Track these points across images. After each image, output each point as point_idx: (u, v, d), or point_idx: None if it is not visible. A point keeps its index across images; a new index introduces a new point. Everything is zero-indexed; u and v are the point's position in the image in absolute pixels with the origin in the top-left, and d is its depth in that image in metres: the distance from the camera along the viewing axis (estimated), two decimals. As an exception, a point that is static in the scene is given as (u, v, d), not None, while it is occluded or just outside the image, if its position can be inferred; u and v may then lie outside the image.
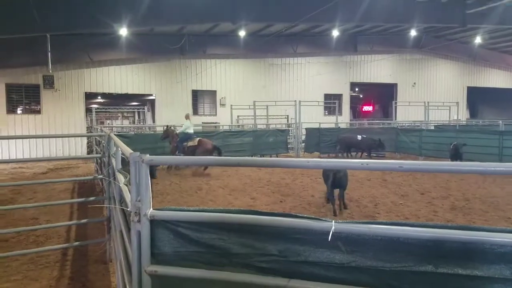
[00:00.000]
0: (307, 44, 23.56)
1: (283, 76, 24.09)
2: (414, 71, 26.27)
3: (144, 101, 25.92)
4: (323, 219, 2.03)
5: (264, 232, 2.10)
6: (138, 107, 26.81)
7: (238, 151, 15.29)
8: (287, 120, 21.91)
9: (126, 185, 2.76)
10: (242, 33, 20.33)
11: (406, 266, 1.91)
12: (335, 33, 20.84)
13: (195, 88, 22.86)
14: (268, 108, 20.21)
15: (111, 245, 4.90)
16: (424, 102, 21.54)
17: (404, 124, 21.62)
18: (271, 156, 15.81)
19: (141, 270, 2.20)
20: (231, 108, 19.90)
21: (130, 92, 21.89)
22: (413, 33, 21.64)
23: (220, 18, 17.67)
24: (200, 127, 19.58)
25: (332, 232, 1.93)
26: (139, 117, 28.31)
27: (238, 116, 21.82)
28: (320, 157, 16.52)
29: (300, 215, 2.11)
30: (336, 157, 15.76)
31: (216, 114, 23.15)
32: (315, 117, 20.83)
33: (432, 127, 19.32)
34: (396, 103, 24.43)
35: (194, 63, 22.55)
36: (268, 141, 16.47)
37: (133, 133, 17.82)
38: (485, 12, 17.14)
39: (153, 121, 22.77)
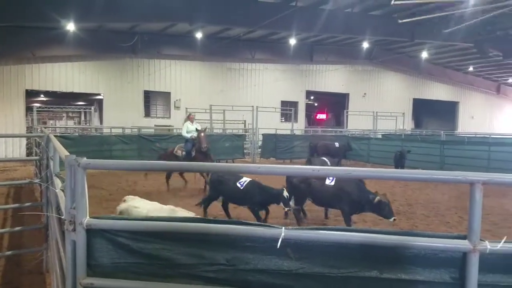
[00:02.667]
0: (265, 50, 23.80)
1: (241, 81, 24.12)
2: (365, 82, 27.43)
3: (92, 101, 24.78)
4: (273, 225, 2.00)
5: (212, 241, 2.02)
6: (84, 107, 25.57)
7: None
8: (244, 126, 21.93)
9: (63, 190, 2.55)
10: (199, 35, 20.09)
11: (352, 271, 1.93)
12: (292, 41, 21.23)
13: (147, 89, 22.23)
14: (225, 112, 20.11)
15: (48, 254, 4.57)
16: (373, 112, 22.53)
17: (354, 133, 22.44)
18: (227, 161, 15.68)
19: (76, 283, 2.04)
20: (186, 111, 19.58)
21: (76, 91, 20.84)
22: (365, 45, 22.59)
23: (176, 18, 17.36)
24: (152, 130, 19.06)
25: (282, 238, 1.90)
26: (85, 117, 26.99)
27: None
28: (276, 163, 16.69)
29: (250, 222, 2.06)
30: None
31: (170, 117, 22.64)
32: (272, 123, 21.02)
33: (380, 136, 20.23)
34: (347, 112, 25.33)
35: (147, 63, 21.94)
36: (224, 146, 16.33)
37: (77, 134, 16.92)
38: (432, 29, 18.28)
39: (101, 122, 21.81)
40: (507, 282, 1.84)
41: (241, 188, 6.71)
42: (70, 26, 16.60)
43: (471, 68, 28.73)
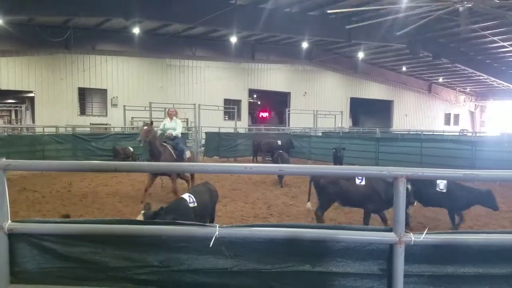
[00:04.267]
0: (206, 48, 23.54)
1: (182, 78, 23.66)
2: (305, 81, 28.18)
3: (22, 99, 22.98)
4: (207, 224, 1.99)
5: (144, 243, 1.98)
6: (14, 105, 23.65)
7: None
8: (187, 124, 21.56)
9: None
10: (136, 30, 19.33)
11: (286, 266, 1.97)
12: (234, 39, 21.21)
13: (82, 86, 21.08)
14: (166, 110, 19.61)
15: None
16: (313, 111, 23.24)
17: (296, 131, 22.98)
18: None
19: (-3, 292, 1.92)
20: (124, 108, 18.82)
21: (4, 88, 19.25)
22: (305, 45, 23.18)
23: (111, 13, 16.61)
24: (88, 129, 18.11)
25: (216, 237, 1.90)
26: (16, 116, 24.97)
27: (132, 117, 20.70)
28: (220, 162, 16.62)
29: (183, 222, 2.04)
30: (263, 161, 16.02)
31: (106, 115, 21.64)
32: (215, 121, 20.89)
33: (320, 134, 20.91)
34: (289, 110, 25.88)
35: (81, 58, 20.78)
36: (112, 147, 15.83)
37: (7, 134, 15.61)
38: (367, 30, 19.21)
39: (33, 121, 20.33)
40: (431, 272, 1.95)
41: (362, 184, 5.91)
42: (-5, 19, 15.24)
43: (404, 68, 30.50)
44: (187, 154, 9.30)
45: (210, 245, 1.88)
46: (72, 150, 13.78)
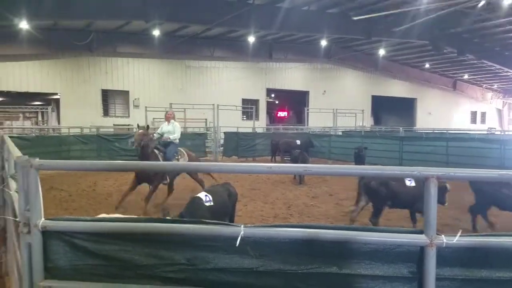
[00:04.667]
0: (224, 48, 23.67)
1: (201, 79, 23.86)
2: (324, 79, 27.90)
3: (48, 101, 23.70)
4: (232, 224, 2.01)
5: (171, 241, 2.01)
6: (41, 107, 24.41)
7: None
8: (206, 124, 21.74)
9: (17, 192, 2.47)
10: (156, 32, 19.64)
11: (312, 268, 1.95)
12: (251, 39, 21.24)
13: (105, 88, 21.54)
14: (186, 111, 19.84)
15: (7, 257, 4.39)
16: (333, 109, 23.01)
17: (315, 130, 22.81)
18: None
19: (33, 286, 2.00)
20: (146, 110, 19.14)
21: (31, 90, 19.95)
22: (323, 43, 22.96)
23: (131, 16, 16.95)
24: (111, 129, 18.52)
25: (241, 236, 1.91)
26: (42, 117, 25.77)
27: (153, 118, 21.04)
28: (238, 161, 16.68)
29: (209, 221, 2.06)
30: (281, 161, 16.01)
31: (129, 116, 22.05)
32: (233, 121, 20.97)
33: (340, 133, 20.67)
34: (308, 109, 25.70)
35: (104, 61, 21.26)
36: (185, 145, 16.04)
37: (34, 135, 16.16)
38: (388, 27, 18.89)
39: (58, 122, 20.94)
40: (464, 275, 1.89)
41: (412, 185, 5.67)
42: (23, 24, 15.78)
43: (427, 65, 29.66)
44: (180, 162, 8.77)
45: (237, 245, 1.89)
46: (96, 150, 14.16)
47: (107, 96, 21.84)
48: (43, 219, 1.98)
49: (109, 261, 2.01)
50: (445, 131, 19.02)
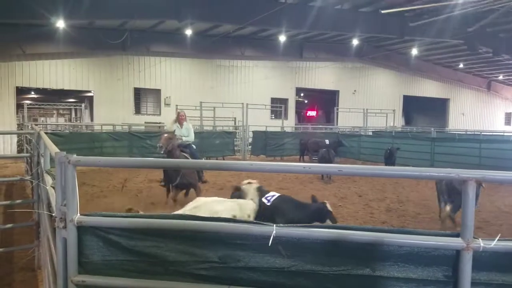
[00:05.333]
0: (255, 47, 23.73)
1: (230, 78, 24.03)
2: (355, 79, 27.47)
3: (82, 98, 24.56)
4: (264, 223, 1.99)
5: (203, 238, 2.02)
6: (75, 104, 25.31)
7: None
8: (234, 123, 21.87)
9: (53, 187, 2.54)
10: (188, 32, 19.98)
11: (344, 269, 1.92)
12: (282, 38, 21.21)
13: (137, 86, 22.05)
14: (215, 109, 20.03)
15: (40, 251, 4.55)
16: (363, 109, 22.61)
17: (344, 130, 22.51)
18: (217, 159, 15.64)
19: (67, 280, 2.03)
20: (176, 108, 19.46)
21: (66, 88, 20.67)
22: (355, 42, 22.64)
23: (164, 15, 17.27)
24: (143, 127, 18.95)
25: (273, 236, 1.90)
26: (75, 114, 26.72)
27: (184, 116, 21.38)
28: (266, 160, 16.69)
29: (241, 219, 2.06)
30: (310, 160, 15.99)
31: (160, 114, 22.48)
32: (262, 120, 21.02)
33: (370, 133, 20.31)
34: (337, 109, 25.38)
35: (137, 59, 21.75)
36: (214, 143, 16.30)
37: (68, 131, 16.76)
38: (421, 26, 18.37)
39: (91, 119, 21.62)
40: (501, 280, 1.83)
41: (268, 204, 5.36)
42: (60, 23, 16.41)
43: (461, 65, 28.80)
44: None
45: (269, 244, 1.88)
46: (128, 147, 14.51)
47: (139, 94, 22.36)
48: (78, 214, 2.01)
49: (142, 257, 2.03)
50: (478, 133, 18.37)
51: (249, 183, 5.27)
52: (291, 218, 5.02)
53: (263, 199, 5.37)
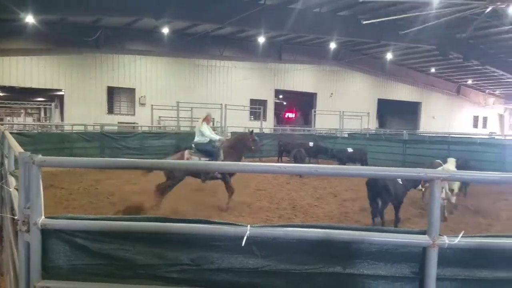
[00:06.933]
0: (234, 48, 23.67)
1: (209, 78, 23.87)
2: (332, 82, 27.89)
3: (52, 97, 23.73)
4: (239, 224, 1.97)
5: (175, 241, 1.98)
6: (44, 103, 24.44)
7: (158, 153, 14.64)
8: (213, 123, 21.74)
9: (17, 189, 2.43)
10: (165, 30, 19.64)
11: (317, 268, 1.95)
12: (261, 39, 21.23)
13: (111, 85, 21.56)
14: (193, 110, 19.83)
15: (2, 256, 4.34)
16: (340, 112, 22.97)
17: (321, 132, 22.78)
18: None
19: (29, 286, 1.96)
20: (152, 108, 19.19)
21: (35, 86, 19.95)
22: (332, 45, 22.92)
23: (141, 13, 16.96)
24: (116, 127, 18.54)
25: (247, 236, 1.89)
26: (45, 114, 25.80)
27: (159, 117, 21.06)
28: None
29: (214, 221, 2.03)
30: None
31: (134, 114, 22.06)
32: (241, 121, 20.96)
33: (346, 135, 20.67)
34: (315, 111, 25.66)
35: (111, 58, 21.28)
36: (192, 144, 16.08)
37: (36, 131, 16.17)
38: (397, 31, 18.83)
39: (62, 119, 20.95)
40: (463, 276, 1.90)
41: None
42: (29, 18, 15.76)
43: (433, 70, 29.76)
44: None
45: (242, 244, 1.86)
46: (99, 148, 14.16)
47: (112, 93, 21.86)
48: (43, 217, 1.94)
49: (110, 260, 1.97)
50: (448, 135, 19.02)
51: None
52: None
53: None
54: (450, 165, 8.45)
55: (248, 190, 9.34)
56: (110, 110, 21.78)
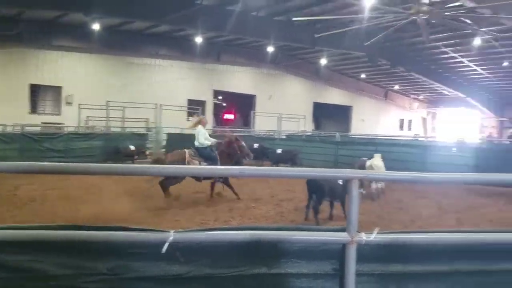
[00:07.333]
0: (170, 46, 23.11)
1: (143, 77, 23.03)
2: (270, 84, 28.37)
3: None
4: (161, 230, 1.91)
5: (91, 249, 1.86)
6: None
7: (86, 156, 13.80)
8: (147, 124, 21.00)
9: None
10: (96, 27, 18.59)
11: (243, 270, 1.94)
12: (199, 39, 20.96)
13: (35, 83, 19.99)
14: (126, 110, 19.01)
15: None
16: (278, 114, 23.47)
17: (260, 133, 23.07)
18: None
19: None
20: (79, 107, 18.09)
21: None
22: (270, 49, 23.29)
23: (68, 7, 15.91)
24: (39, 128, 17.16)
25: (170, 242, 1.83)
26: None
27: (87, 117, 19.89)
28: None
29: (135, 227, 1.94)
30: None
31: (60, 114, 20.64)
32: (178, 122, 20.45)
33: (284, 137, 21.16)
34: (254, 113, 25.94)
35: (36, 54, 19.72)
36: (124, 146, 15.38)
37: None
38: (330, 38, 19.66)
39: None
40: (380, 270, 2.00)
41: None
42: None
43: (363, 75, 31.52)
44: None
45: (163, 251, 1.80)
46: (19, 150, 12.99)
47: (36, 91, 20.27)
48: None
49: (17, 273, 1.81)
50: (376, 137, 20.28)
51: None
52: None
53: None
54: (376, 160, 9.56)
55: (185, 193, 9.14)
56: (34, 110, 20.16)
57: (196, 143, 8.82)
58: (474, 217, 7.97)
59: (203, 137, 8.84)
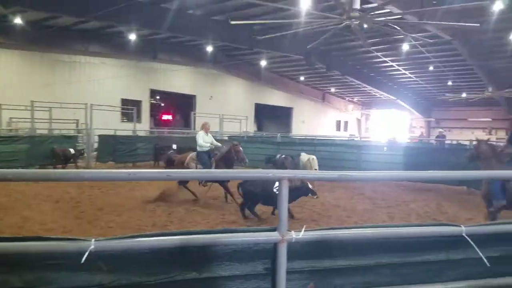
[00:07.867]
0: (101, 43, 21.85)
1: (72, 75, 21.59)
2: (211, 85, 28.11)
3: None
4: (80, 238, 1.78)
5: (3, 262, 1.68)
6: None
7: (9, 161, 12.64)
8: (77, 126, 19.74)
9: None
10: (18, 20, 17.00)
11: (171, 276, 1.88)
12: (133, 36, 20.06)
13: None
14: (52, 110, 17.69)
15: None
16: (219, 115, 23.35)
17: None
18: (55, 167, 13.78)
19: None
20: (1, 108, 16.58)
21: None
22: (209, 48, 23.05)
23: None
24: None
25: (91, 251, 1.71)
26: None
27: (10, 118, 18.26)
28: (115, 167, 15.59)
29: (53, 237, 1.79)
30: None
31: (-22, 116, 18.73)
32: (111, 123, 19.47)
33: (226, 138, 21.08)
34: (195, 113, 25.55)
35: None
36: (51, 149, 14.28)
37: None
38: (268, 40, 19.92)
39: None
40: (310, 267, 2.05)
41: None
42: None
43: (302, 78, 32.38)
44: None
45: (82, 261, 1.67)
46: None
47: None
48: None
49: None
50: (314, 138, 21.03)
51: None
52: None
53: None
54: (303, 156, 11.88)
55: (119, 198, 8.74)
56: None
57: (198, 148, 9.48)
58: (403, 212, 8.54)
59: (201, 140, 9.45)
